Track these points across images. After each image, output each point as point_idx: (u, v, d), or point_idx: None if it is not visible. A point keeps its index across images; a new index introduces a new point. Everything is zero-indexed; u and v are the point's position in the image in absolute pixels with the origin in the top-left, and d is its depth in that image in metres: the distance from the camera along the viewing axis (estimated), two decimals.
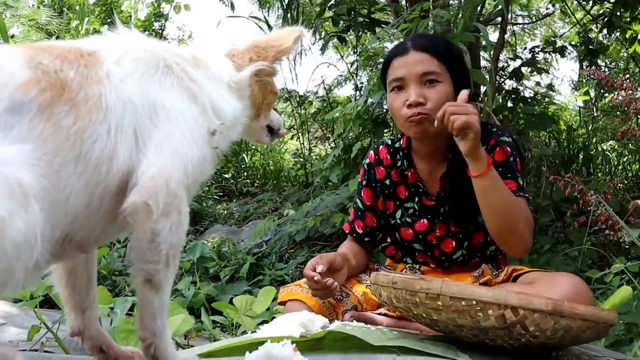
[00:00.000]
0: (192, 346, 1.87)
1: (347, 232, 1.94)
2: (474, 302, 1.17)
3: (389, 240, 1.94)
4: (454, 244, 1.82)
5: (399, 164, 1.89)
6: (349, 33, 4.68)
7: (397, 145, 1.92)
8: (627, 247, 2.87)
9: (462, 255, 1.82)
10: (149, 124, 0.98)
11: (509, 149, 1.76)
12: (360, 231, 1.90)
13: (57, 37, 6.56)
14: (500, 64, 4.94)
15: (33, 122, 0.85)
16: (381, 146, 1.94)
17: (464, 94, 1.60)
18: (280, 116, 1.39)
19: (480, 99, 3.70)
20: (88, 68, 0.95)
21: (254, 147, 6.02)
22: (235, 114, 1.18)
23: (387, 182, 1.89)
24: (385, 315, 1.72)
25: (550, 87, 5.28)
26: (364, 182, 1.93)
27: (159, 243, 0.94)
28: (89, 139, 0.91)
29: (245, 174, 6.20)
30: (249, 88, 1.23)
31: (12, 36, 5.81)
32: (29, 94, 0.85)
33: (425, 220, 1.84)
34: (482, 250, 1.84)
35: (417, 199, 1.86)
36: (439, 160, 1.83)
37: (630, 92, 1.68)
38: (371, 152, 1.96)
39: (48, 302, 2.31)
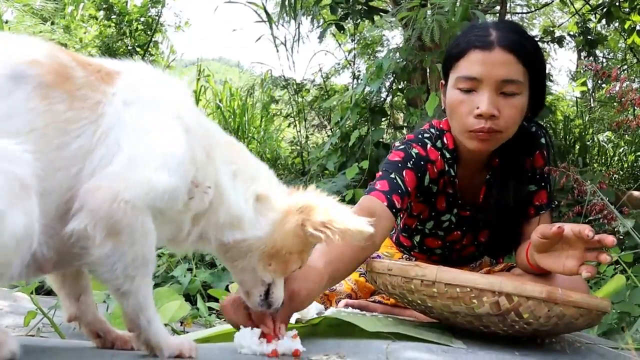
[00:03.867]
0: (188, 332, 1.88)
1: (381, 201, 1.50)
2: (469, 289, 1.18)
3: (407, 241, 1.86)
4: (473, 250, 1.82)
5: (447, 167, 1.64)
6: (347, 21, 4.66)
7: (439, 144, 1.64)
8: (622, 237, 2.88)
9: (473, 255, 1.84)
10: (133, 141, 0.93)
11: (545, 153, 1.65)
12: (398, 206, 1.53)
13: (52, 23, 6.51)
14: None
15: (30, 95, 0.86)
16: (428, 145, 1.63)
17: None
18: (281, 297, 1.13)
19: None
20: (99, 81, 0.95)
21: (250, 134, 6.00)
22: (237, 204, 1.04)
23: (435, 188, 1.66)
24: (379, 302, 1.73)
25: (547, 77, 5.27)
26: (408, 164, 1.59)
27: (112, 264, 0.89)
28: (74, 132, 0.90)
29: None
30: (281, 216, 1.07)
31: (7, 21, 5.76)
32: (33, 70, 0.87)
33: (458, 232, 1.75)
34: (489, 252, 1.85)
35: (455, 210, 1.70)
36: (480, 167, 1.65)
37: (626, 83, 1.68)
38: (418, 145, 1.62)
39: (44, 289, 2.31)
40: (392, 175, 1.57)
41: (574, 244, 1.32)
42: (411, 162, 1.59)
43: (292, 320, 1.32)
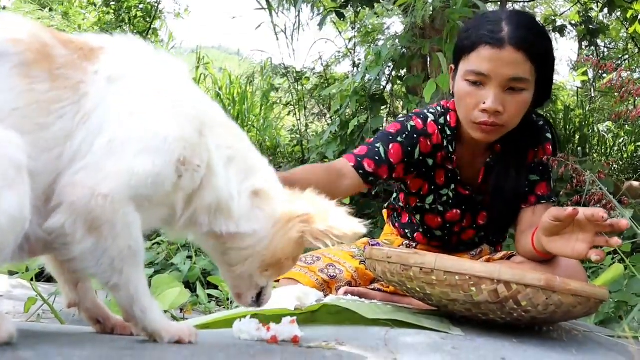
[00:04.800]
0: (187, 319, 1.89)
1: (349, 162, 1.63)
2: (468, 277, 1.18)
3: (406, 219, 1.89)
4: (473, 234, 1.83)
5: (445, 143, 1.70)
6: (347, 9, 4.63)
7: (442, 120, 1.71)
8: None
9: (472, 242, 1.84)
10: (114, 124, 0.89)
11: (550, 148, 1.69)
12: (368, 169, 1.63)
13: (51, 10, 6.47)
14: None
15: (12, 72, 0.84)
16: (429, 119, 1.71)
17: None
18: (271, 295, 1.14)
19: None
20: (81, 59, 0.92)
21: (250, 122, 5.99)
22: (227, 190, 1.00)
23: (431, 162, 1.72)
24: (379, 290, 1.74)
25: None
26: (398, 138, 1.67)
27: (96, 259, 0.87)
28: (56, 112, 0.87)
29: None
30: (283, 222, 1.04)
31: (4, 8, 5.72)
32: (15, 49, 0.85)
33: (457, 211, 1.78)
34: (489, 238, 1.86)
35: (453, 186, 1.75)
36: (482, 149, 1.71)
37: (626, 74, 1.68)
38: (418, 119, 1.70)
39: (44, 276, 2.32)
40: (377, 144, 1.66)
41: (584, 228, 1.32)
42: (403, 136, 1.67)
43: (292, 307, 1.33)
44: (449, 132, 1.69)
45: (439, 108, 1.75)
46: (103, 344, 0.99)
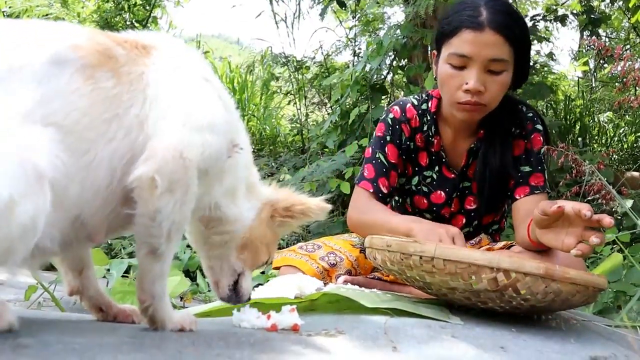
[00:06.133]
0: (187, 307, 1.90)
1: (369, 190, 1.77)
2: (467, 265, 1.19)
3: (397, 204, 1.93)
4: (464, 220, 1.84)
5: (425, 128, 1.80)
6: None
7: (424, 107, 1.82)
8: (620, 217, 2.90)
9: (468, 232, 1.85)
10: (180, 105, 0.99)
11: (541, 139, 1.73)
12: (385, 191, 1.77)
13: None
14: None
15: (73, 76, 0.90)
16: (408, 104, 1.82)
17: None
18: (250, 289, 1.20)
19: None
20: (138, 55, 1.00)
21: (250, 112, 5.98)
22: (240, 174, 1.11)
23: (411, 145, 1.81)
24: (378, 279, 1.74)
25: (550, 56, 5.23)
26: (387, 138, 1.80)
27: (161, 220, 0.93)
28: (126, 103, 0.94)
29: None
30: (260, 207, 1.15)
31: None
32: (76, 54, 0.91)
33: (442, 193, 1.82)
34: (486, 228, 1.87)
35: (437, 168, 1.81)
36: (467, 133, 1.78)
37: (630, 62, 1.67)
38: (395, 107, 1.83)
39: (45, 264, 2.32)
40: (377, 155, 1.79)
41: (574, 222, 1.34)
42: (390, 132, 1.80)
43: (292, 296, 1.34)
44: (428, 117, 1.79)
45: (423, 95, 1.86)
46: (104, 332, 0.99)
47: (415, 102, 1.83)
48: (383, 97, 4.14)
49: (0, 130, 0.81)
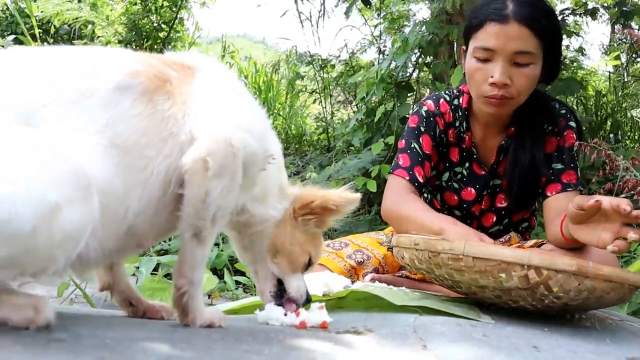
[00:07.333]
0: (215, 305, 1.91)
1: (405, 178, 1.74)
2: (497, 263, 1.17)
3: (427, 201, 1.91)
4: (494, 218, 1.82)
5: (457, 123, 1.80)
6: None
7: (455, 102, 1.82)
8: None
9: (498, 230, 1.82)
10: (222, 111, 1.05)
11: (574, 136, 1.71)
12: (421, 180, 1.75)
13: (79, 0, 6.55)
14: None
15: (135, 102, 0.97)
16: (441, 99, 1.82)
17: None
18: (305, 289, 1.18)
19: None
20: (186, 76, 1.06)
21: (276, 111, 6.00)
22: (272, 181, 1.15)
23: (444, 139, 1.81)
24: (406, 277, 1.73)
25: (580, 50, 5.11)
26: (422, 129, 1.79)
27: (209, 203, 0.97)
28: (180, 121, 1.00)
29: None
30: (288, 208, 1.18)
31: (35, 0, 5.81)
32: (137, 80, 0.98)
33: (472, 190, 1.80)
34: (516, 226, 1.85)
35: (467, 164, 1.81)
36: (497, 129, 1.77)
37: None
38: (429, 101, 1.83)
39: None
40: (412, 145, 1.78)
41: (611, 218, 1.31)
42: (424, 124, 1.80)
43: (320, 293, 1.33)
44: (460, 113, 1.78)
45: (455, 91, 1.86)
46: (134, 327, 1.01)
47: (447, 98, 1.83)
48: (409, 94, 4.10)
49: (63, 144, 0.85)
